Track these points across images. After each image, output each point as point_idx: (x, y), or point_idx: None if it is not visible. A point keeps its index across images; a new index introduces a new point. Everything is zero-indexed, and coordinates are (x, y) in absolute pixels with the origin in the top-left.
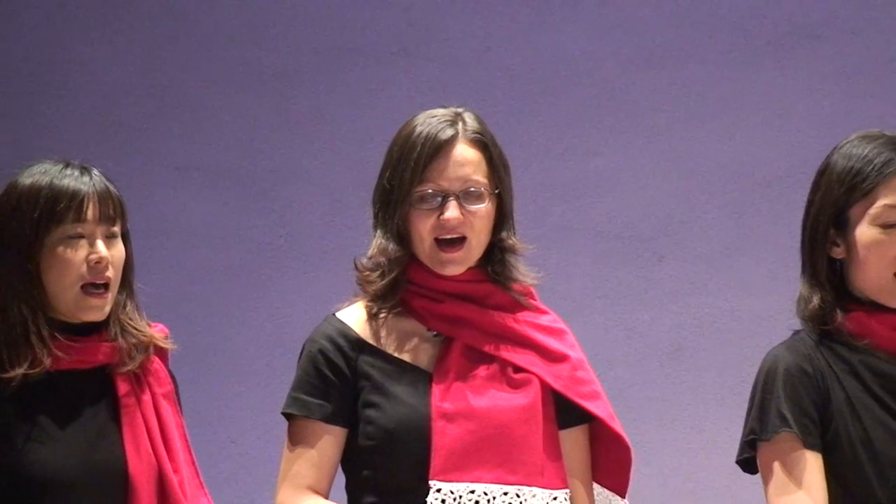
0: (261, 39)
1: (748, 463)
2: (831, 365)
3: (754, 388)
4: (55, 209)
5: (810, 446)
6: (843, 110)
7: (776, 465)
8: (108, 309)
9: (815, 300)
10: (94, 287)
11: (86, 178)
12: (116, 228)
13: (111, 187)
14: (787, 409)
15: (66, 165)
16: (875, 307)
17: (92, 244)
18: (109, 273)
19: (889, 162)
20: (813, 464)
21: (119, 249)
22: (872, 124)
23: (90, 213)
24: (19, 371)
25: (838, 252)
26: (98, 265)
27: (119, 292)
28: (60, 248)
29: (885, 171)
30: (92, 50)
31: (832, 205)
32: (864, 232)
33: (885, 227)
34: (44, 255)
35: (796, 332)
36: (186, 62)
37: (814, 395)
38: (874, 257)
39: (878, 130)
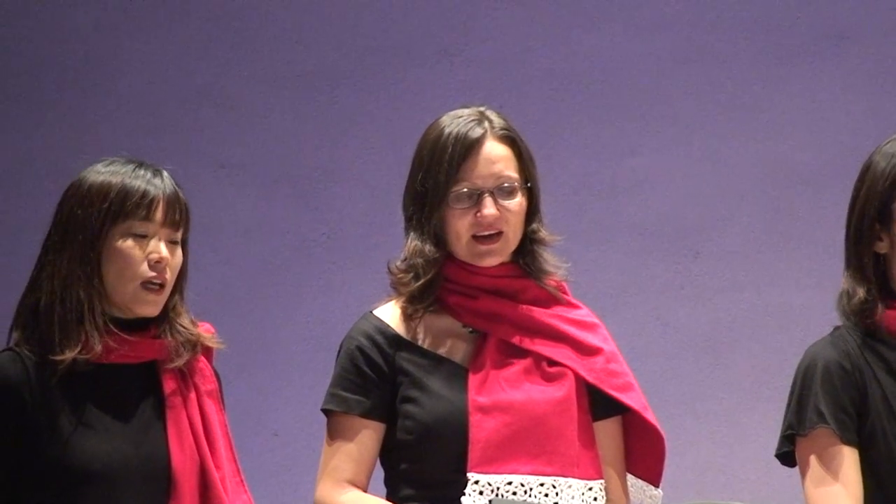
0: (303, 40)
1: (787, 457)
2: (869, 362)
3: (793, 383)
4: (125, 204)
5: (847, 441)
6: (875, 110)
7: (813, 460)
8: (161, 306)
9: (860, 293)
10: (151, 284)
11: (157, 181)
12: (179, 234)
13: (180, 193)
14: (824, 404)
15: (139, 165)
16: None
17: (154, 245)
18: (167, 275)
19: None
20: (849, 458)
21: (178, 256)
22: None
23: (158, 214)
24: (70, 355)
25: (882, 246)
26: (158, 264)
27: (171, 296)
28: (124, 243)
29: None
30: (138, 50)
31: (876, 198)
32: None
33: None
34: (106, 247)
35: (836, 329)
36: (230, 62)
37: (851, 391)
38: None
39: None
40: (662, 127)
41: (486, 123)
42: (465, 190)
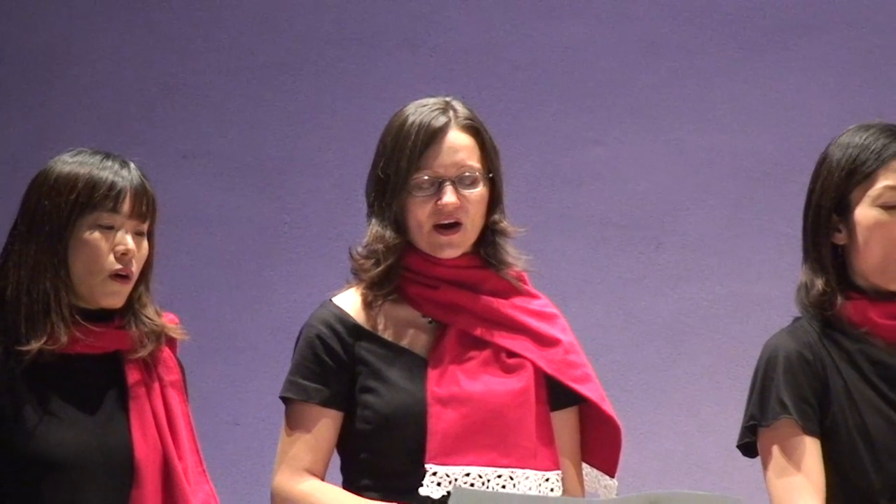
0: (266, 30)
1: (748, 447)
2: (830, 353)
3: (755, 374)
4: (92, 196)
5: (809, 432)
6: (841, 102)
7: (776, 450)
8: (125, 297)
9: (819, 285)
10: (117, 275)
11: (125, 172)
12: (145, 226)
13: (147, 185)
14: (786, 395)
15: (106, 156)
16: (875, 295)
17: (121, 237)
18: (133, 267)
19: (886, 146)
20: (812, 449)
21: (144, 248)
22: (869, 116)
23: (125, 206)
24: (36, 345)
25: (840, 238)
26: (124, 257)
27: (136, 286)
28: (91, 235)
29: (883, 154)
30: (100, 41)
31: (833, 189)
32: (865, 213)
33: (886, 207)
34: (73, 238)
35: (796, 319)
36: (192, 52)
37: (813, 382)
38: (876, 238)
39: (874, 121)
40: (626, 117)
41: (451, 113)
42: (427, 178)
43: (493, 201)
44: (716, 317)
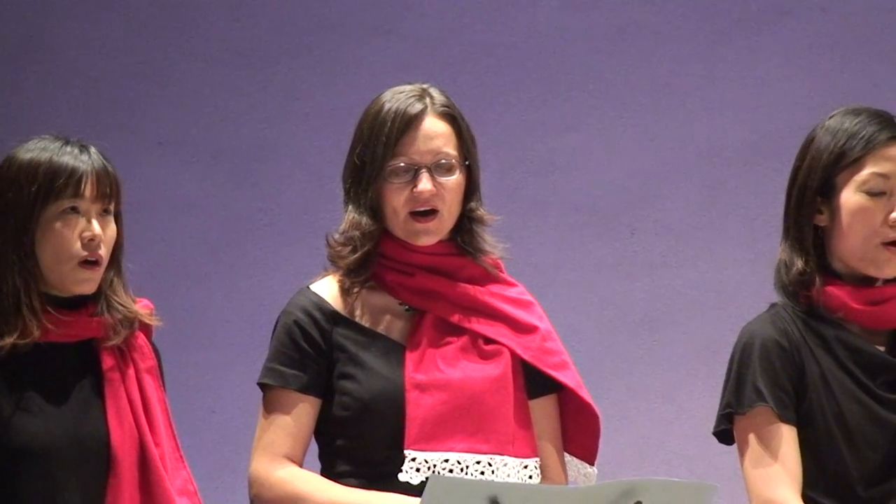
0: (241, 17)
1: (724, 435)
2: (807, 339)
3: (731, 361)
4: (53, 184)
5: (785, 420)
6: (813, 87)
7: (752, 438)
8: (97, 283)
9: (799, 264)
10: (86, 262)
11: (84, 157)
12: (111, 207)
13: (109, 166)
14: (762, 383)
15: (66, 143)
16: (851, 281)
17: (87, 221)
18: (101, 251)
19: (876, 133)
20: (788, 437)
21: (112, 229)
22: (842, 101)
23: (88, 190)
24: (8, 341)
25: (822, 219)
26: (91, 242)
27: (107, 270)
28: (56, 224)
29: (872, 141)
30: (75, 27)
31: (820, 171)
32: (850, 198)
33: (871, 194)
34: (39, 228)
35: (773, 306)
36: (168, 39)
37: (789, 369)
38: (858, 224)
39: (862, 105)
40: (598, 103)
41: (428, 99)
42: (402, 164)
43: (470, 189)
44: (691, 303)
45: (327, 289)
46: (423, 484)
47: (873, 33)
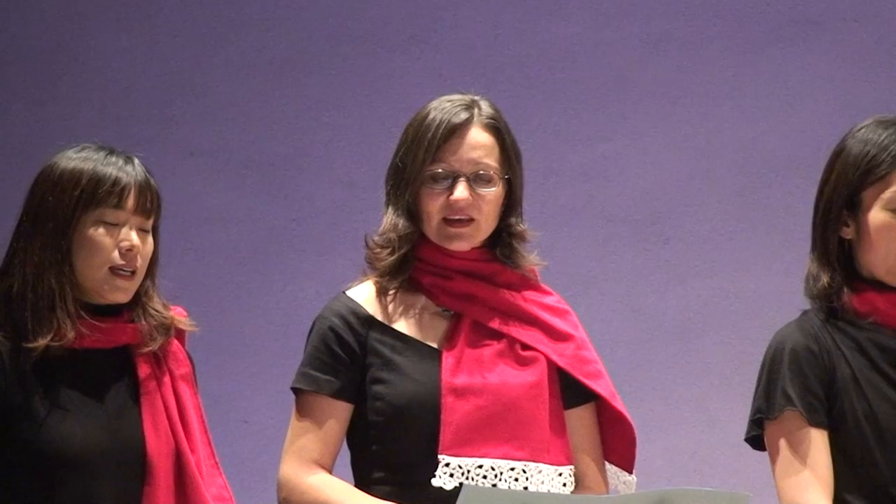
0: (274, 27)
1: (756, 441)
2: (838, 343)
3: (762, 367)
4: (97, 192)
5: (815, 424)
6: (846, 97)
7: (782, 444)
8: (132, 293)
9: (825, 279)
10: (122, 270)
11: (129, 168)
12: (150, 222)
13: (152, 181)
14: (792, 388)
15: (111, 152)
16: (882, 286)
17: (125, 233)
18: (138, 262)
19: None
20: (818, 441)
21: (149, 244)
22: (875, 110)
23: (130, 202)
24: (42, 342)
25: (848, 232)
26: (129, 252)
27: (142, 282)
28: (95, 231)
29: None
30: (108, 37)
31: (846, 186)
32: (876, 216)
33: None
34: (78, 234)
35: (804, 312)
36: (200, 49)
37: (819, 374)
38: (884, 241)
39: (893, 115)
40: (632, 113)
41: (475, 110)
42: (441, 171)
43: (510, 203)
44: (723, 312)
45: (363, 293)
46: (455, 490)
47: None
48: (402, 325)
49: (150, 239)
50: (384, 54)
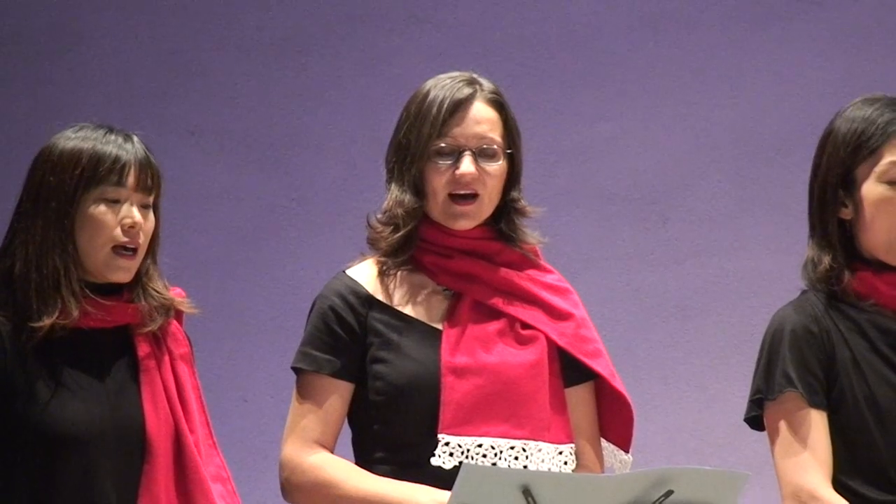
0: (273, 6)
1: (755, 421)
2: (837, 324)
3: (761, 348)
4: (97, 170)
5: (815, 405)
6: (846, 75)
7: (781, 424)
8: (134, 272)
9: (826, 261)
10: (124, 249)
11: (129, 146)
12: (151, 199)
13: (152, 158)
14: (792, 368)
15: (109, 131)
16: (882, 267)
17: (127, 209)
18: (140, 239)
19: (892, 121)
20: (818, 422)
21: (151, 220)
22: (875, 89)
23: (130, 179)
24: (48, 321)
25: (846, 213)
26: (132, 230)
27: (143, 259)
28: (97, 209)
29: (888, 129)
30: (108, 16)
31: (839, 165)
32: (871, 189)
33: (892, 183)
34: (80, 213)
35: (804, 292)
36: (200, 28)
37: (819, 355)
38: (882, 214)
39: (879, 94)
40: (632, 92)
41: (477, 86)
42: (446, 146)
43: (512, 178)
44: (723, 292)
45: (364, 273)
46: (455, 469)
47: None
48: (403, 305)
49: (151, 216)
50: (383, 34)
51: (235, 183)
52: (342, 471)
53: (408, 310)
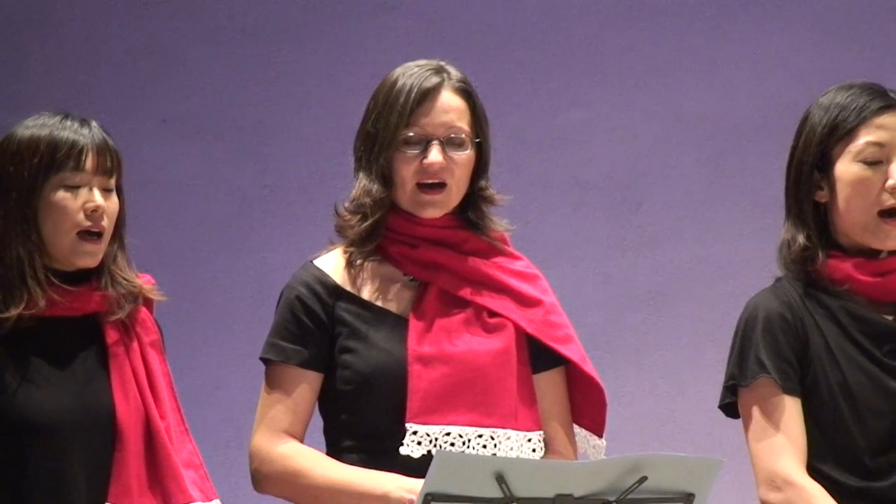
0: None
1: (730, 408)
2: (811, 311)
3: (735, 334)
4: (55, 157)
5: (789, 391)
6: (819, 62)
7: (755, 410)
8: (100, 256)
9: (801, 240)
10: (89, 234)
11: (85, 130)
12: (112, 181)
13: (110, 141)
14: (765, 355)
15: (66, 117)
16: (856, 252)
17: (88, 194)
18: (104, 223)
19: (868, 103)
20: (791, 408)
21: (114, 202)
22: (848, 76)
23: (89, 163)
24: (15, 312)
25: (822, 195)
26: (94, 213)
27: (110, 244)
28: (58, 195)
29: (865, 111)
30: (78, 5)
31: (815, 146)
32: (847, 169)
33: (868, 163)
34: (41, 201)
35: (778, 279)
36: (171, 15)
37: (792, 341)
38: (856, 194)
39: (855, 81)
40: (604, 79)
41: (445, 74)
42: (414, 135)
43: (480, 167)
44: (695, 278)
45: (331, 263)
46: (423, 458)
47: (880, 10)
48: (370, 295)
49: (114, 198)
50: (353, 22)
51: (207, 171)
52: (310, 460)
53: (374, 299)
